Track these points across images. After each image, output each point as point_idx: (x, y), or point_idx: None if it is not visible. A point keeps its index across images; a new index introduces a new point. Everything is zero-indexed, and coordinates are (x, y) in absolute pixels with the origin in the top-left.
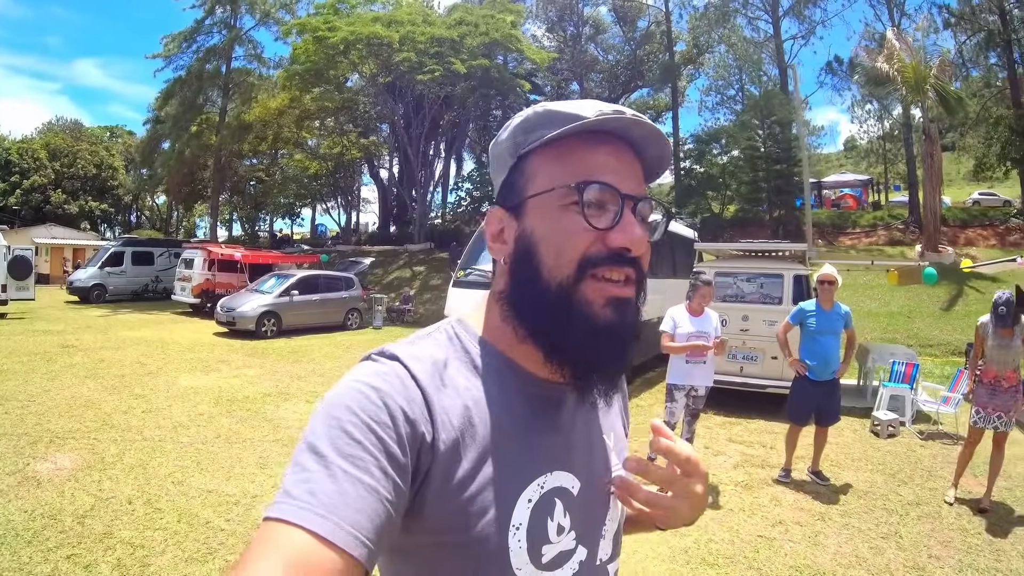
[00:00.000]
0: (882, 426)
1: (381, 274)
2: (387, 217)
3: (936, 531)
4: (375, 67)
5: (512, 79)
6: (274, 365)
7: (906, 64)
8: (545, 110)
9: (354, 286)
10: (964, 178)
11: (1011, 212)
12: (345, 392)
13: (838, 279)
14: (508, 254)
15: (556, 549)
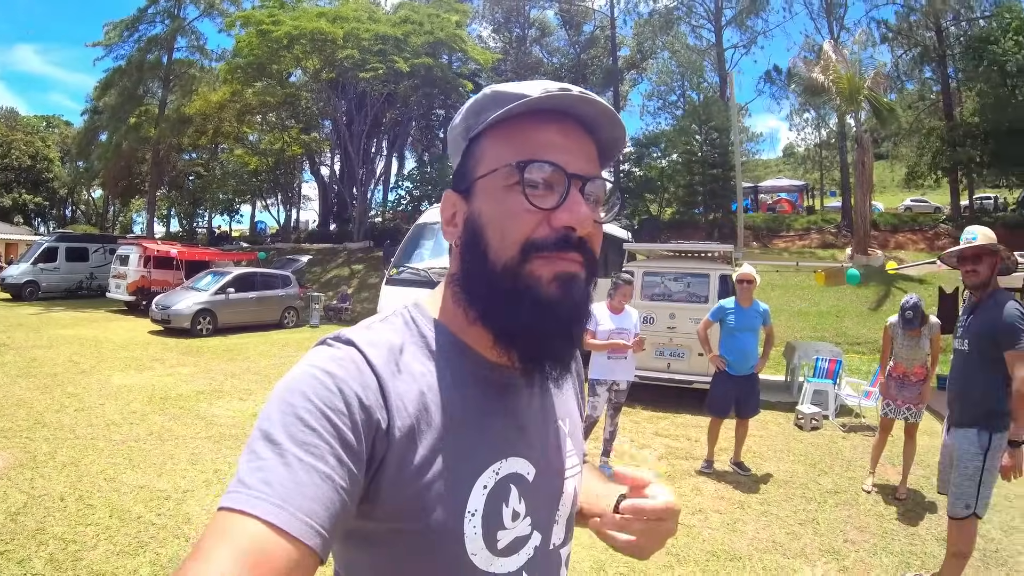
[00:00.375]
0: (805, 419)
1: (320, 272)
2: (327, 215)
3: (853, 517)
4: (319, 63)
5: (455, 79)
6: (209, 363)
7: (841, 76)
8: (493, 91)
9: (291, 284)
10: (898, 185)
11: (940, 218)
12: (300, 377)
13: (756, 278)
14: (458, 237)
15: (512, 535)
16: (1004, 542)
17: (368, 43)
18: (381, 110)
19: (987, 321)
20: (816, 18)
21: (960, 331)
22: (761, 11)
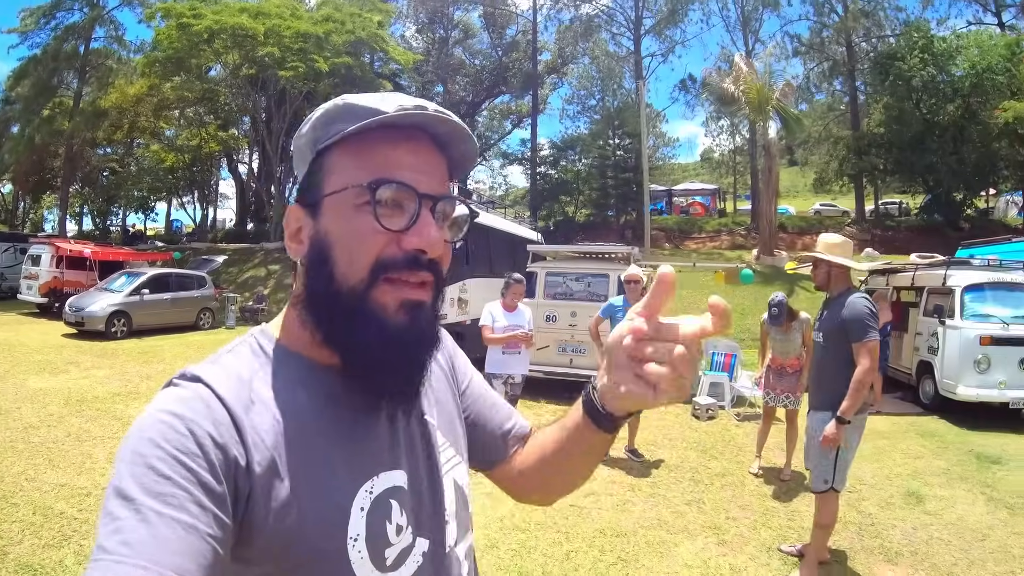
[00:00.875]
0: (701, 410)
1: (236, 272)
2: (244, 214)
3: (737, 497)
4: (239, 58)
5: (375, 79)
6: (124, 366)
7: (751, 87)
8: (345, 103)
9: (207, 285)
10: (809, 190)
11: (845, 222)
12: (146, 425)
13: (643, 278)
14: (304, 255)
15: (397, 549)
16: (880, 516)
17: (289, 40)
18: (301, 107)
19: (837, 316)
20: (732, 30)
21: (817, 325)
22: (679, 22)
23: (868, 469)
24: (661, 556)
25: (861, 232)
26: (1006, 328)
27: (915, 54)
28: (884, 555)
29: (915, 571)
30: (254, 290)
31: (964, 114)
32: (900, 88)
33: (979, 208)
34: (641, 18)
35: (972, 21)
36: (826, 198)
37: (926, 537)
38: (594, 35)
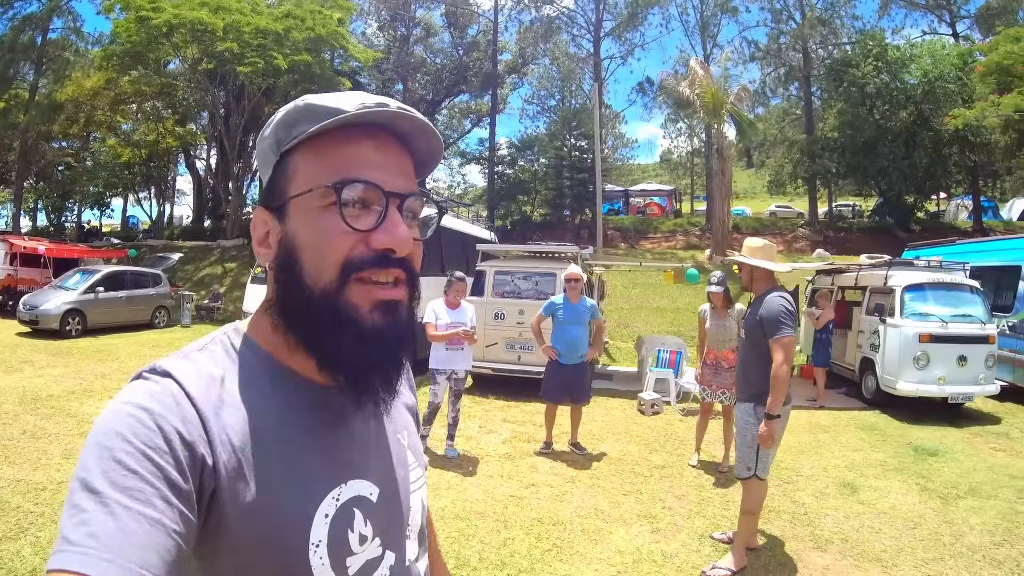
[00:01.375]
0: (646, 405)
1: (192, 270)
2: (201, 210)
3: (674, 488)
4: (197, 53)
5: (334, 76)
6: (79, 364)
7: (706, 91)
8: (306, 104)
9: (162, 283)
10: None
11: (799, 223)
12: (115, 417)
13: (583, 277)
14: (272, 259)
15: (361, 559)
16: (813, 506)
17: (249, 36)
18: (260, 104)
19: (756, 314)
20: (691, 35)
21: (743, 322)
22: (639, 25)
23: (806, 461)
24: (595, 543)
25: (814, 233)
26: (945, 326)
27: (869, 61)
28: (814, 542)
29: (843, 557)
30: (210, 288)
31: (916, 120)
32: (854, 94)
33: (930, 211)
34: (601, 20)
35: (927, 31)
36: (783, 200)
37: (857, 525)
38: (555, 36)
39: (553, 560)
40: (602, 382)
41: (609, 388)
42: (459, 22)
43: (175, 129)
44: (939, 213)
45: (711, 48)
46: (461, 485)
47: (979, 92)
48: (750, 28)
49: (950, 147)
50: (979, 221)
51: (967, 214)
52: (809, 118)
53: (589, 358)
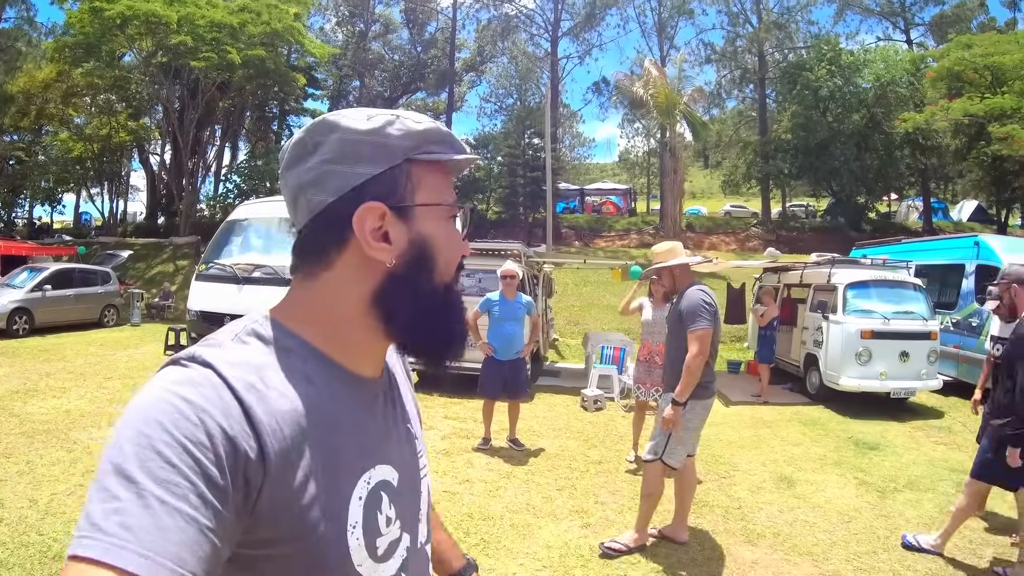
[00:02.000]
0: (588, 401)
1: (144, 268)
2: (155, 207)
3: (609, 483)
4: (152, 45)
5: (288, 72)
6: (24, 364)
7: (660, 91)
8: (447, 132)
9: (111, 281)
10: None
11: (752, 222)
12: (156, 405)
13: (519, 274)
14: (399, 255)
15: (387, 540)
16: (748, 500)
17: (203, 30)
18: (214, 98)
19: (677, 309)
20: (648, 36)
21: (668, 317)
22: (597, 26)
23: (745, 456)
24: (524, 538)
25: (767, 233)
26: (887, 323)
27: (823, 65)
28: (746, 536)
29: (774, 551)
30: (161, 286)
31: (868, 123)
32: (808, 97)
33: (881, 212)
34: (559, 20)
35: (882, 37)
36: (738, 200)
37: (791, 519)
38: (513, 35)
39: (479, 555)
40: (549, 379)
41: (555, 385)
42: (418, 19)
43: (128, 123)
44: (890, 214)
45: (668, 49)
46: None
47: (930, 97)
48: (707, 31)
49: (901, 149)
50: (929, 222)
51: (918, 215)
52: (763, 120)
53: (525, 354)
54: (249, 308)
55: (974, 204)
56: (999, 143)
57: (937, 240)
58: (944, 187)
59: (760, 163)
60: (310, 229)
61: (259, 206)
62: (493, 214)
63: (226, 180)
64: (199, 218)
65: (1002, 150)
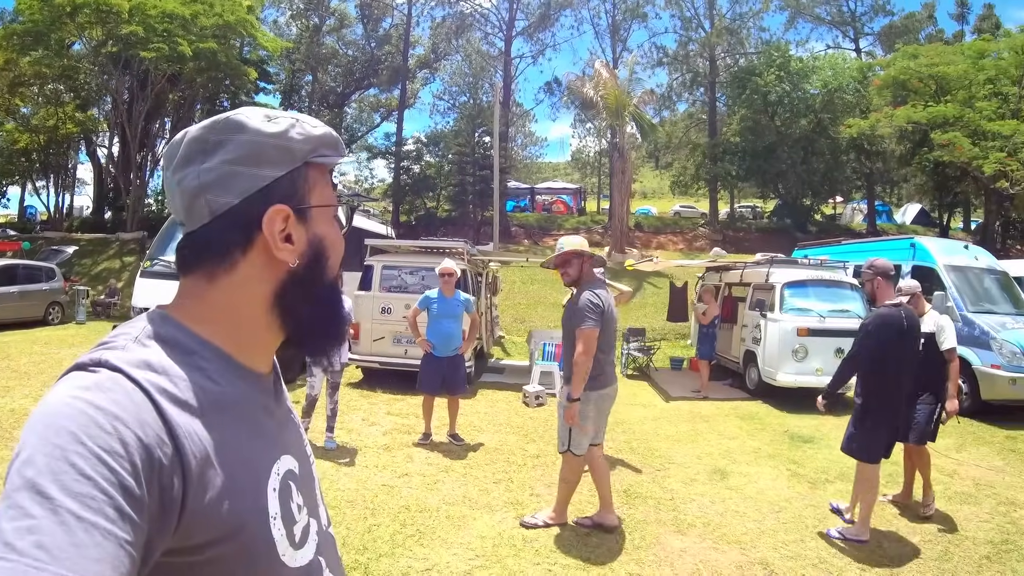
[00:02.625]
0: (529, 397)
1: (90, 264)
2: (102, 201)
3: (545, 476)
4: (102, 35)
5: (240, 65)
6: None
7: (610, 92)
8: (336, 137)
9: (56, 277)
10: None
11: (700, 223)
12: (66, 413)
13: (457, 271)
14: (300, 255)
15: (300, 526)
16: (681, 492)
17: (155, 20)
18: (164, 90)
19: (571, 308)
20: (601, 38)
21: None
22: (551, 26)
23: (681, 450)
24: (459, 528)
25: (714, 233)
26: (822, 320)
27: (773, 71)
28: (676, 526)
29: (702, 540)
30: (107, 283)
31: (815, 128)
32: (757, 101)
33: (827, 214)
34: (514, 20)
35: (831, 45)
36: (688, 200)
37: (722, 510)
38: (467, 33)
39: (414, 545)
40: (493, 376)
41: (499, 381)
42: (373, 14)
43: (76, 115)
44: (836, 216)
45: (621, 51)
46: (335, 475)
47: (875, 104)
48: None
49: (847, 154)
50: (873, 224)
51: (862, 217)
52: (713, 123)
53: (464, 351)
54: None
55: (917, 208)
56: (941, 150)
57: (876, 242)
58: (889, 191)
59: (709, 165)
60: (211, 230)
61: None
62: (443, 212)
63: None
64: (147, 213)
65: (944, 156)
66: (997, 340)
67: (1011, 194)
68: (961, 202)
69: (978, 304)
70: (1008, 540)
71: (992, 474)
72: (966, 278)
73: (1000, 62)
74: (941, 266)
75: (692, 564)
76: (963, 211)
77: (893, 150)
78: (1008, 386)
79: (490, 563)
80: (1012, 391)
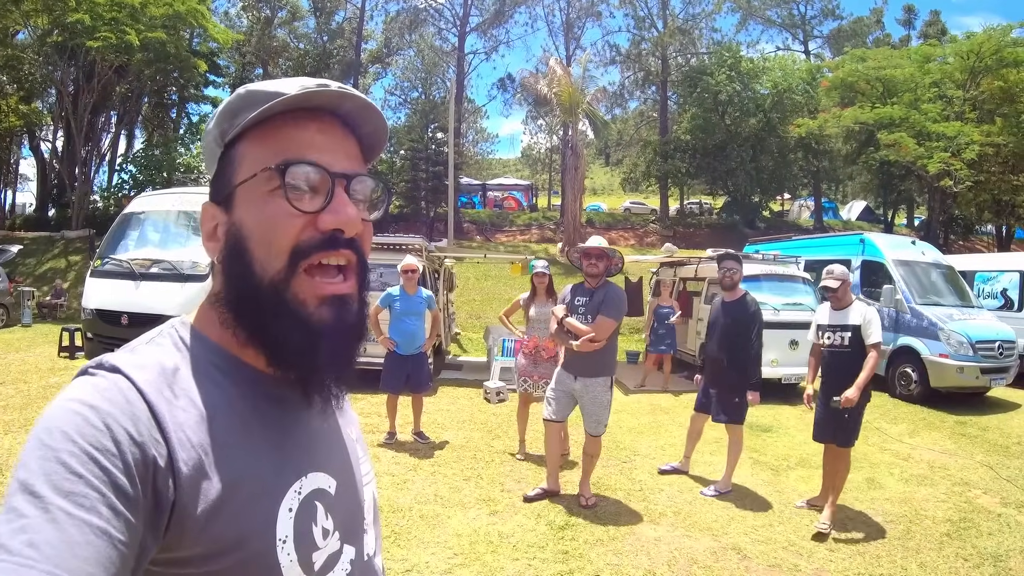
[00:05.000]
0: (491, 393)
1: (34, 264)
2: (46, 198)
3: (514, 471)
4: (48, 23)
5: (189, 57)
6: None
7: (564, 89)
8: (247, 91)
9: (0, 278)
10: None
11: (651, 219)
12: (59, 416)
13: (419, 267)
14: (220, 252)
15: (325, 554)
16: (648, 482)
17: (103, 8)
18: (111, 82)
19: (600, 300)
20: (555, 35)
21: (583, 309)
22: (505, 23)
23: (644, 442)
24: (433, 528)
25: (665, 229)
26: (777, 313)
27: (723, 71)
28: (647, 516)
29: (675, 528)
30: (52, 283)
31: (764, 127)
32: (707, 100)
33: (775, 211)
34: (468, 15)
35: (781, 47)
36: (638, 197)
37: (690, 499)
38: (421, 28)
39: (391, 546)
40: (451, 373)
41: (458, 378)
42: (325, 7)
43: (19, 107)
44: (783, 212)
45: (574, 49)
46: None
47: (824, 104)
48: (613, 33)
49: (795, 152)
50: (820, 220)
51: (809, 214)
52: (664, 121)
53: (426, 348)
54: (147, 305)
55: (863, 204)
56: (887, 149)
57: (825, 237)
58: (835, 188)
59: (660, 162)
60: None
61: (157, 198)
62: (395, 208)
63: (121, 170)
64: (93, 210)
65: (890, 156)
66: (945, 331)
67: (954, 192)
68: (905, 199)
69: (926, 297)
70: (965, 518)
71: (945, 457)
72: (914, 272)
73: (945, 66)
74: (890, 261)
75: (668, 552)
76: (907, 208)
77: (840, 149)
78: (956, 374)
79: (469, 561)
80: (959, 379)
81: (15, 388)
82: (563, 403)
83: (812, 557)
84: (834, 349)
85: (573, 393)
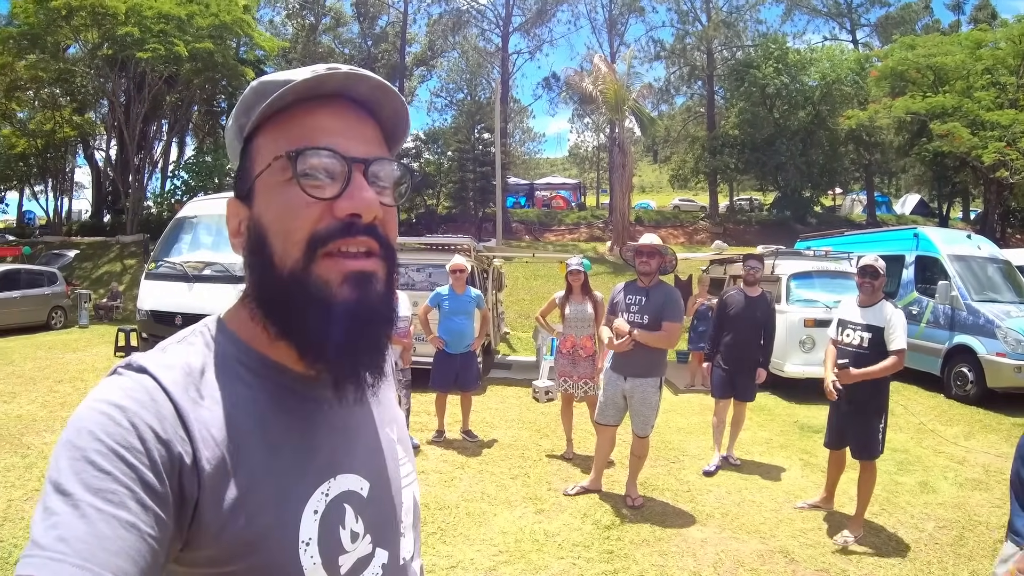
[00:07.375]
0: (539, 393)
1: (91, 268)
2: (101, 205)
3: (561, 471)
4: (98, 37)
5: (237, 65)
6: None
7: (609, 87)
8: (260, 83)
9: (57, 281)
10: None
11: (700, 216)
12: (87, 416)
13: (468, 267)
14: (244, 247)
15: (353, 557)
16: (697, 483)
17: (151, 21)
18: (161, 92)
19: (659, 302)
20: (599, 32)
21: (636, 308)
22: (547, 22)
23: (694, 442)
24: (479, 525)
25: (714, 226)
26: (828, 311)
27: (770, 63)
28: (695, 517)
29: (722, 530)
30: (108, 286)
31: (813, 120)
32: (755, 94)
33: (826, 206)
34: (511, 15)
35: (828, 37)
36: (687, 194)
37: (738, 500)
38: (464, 29)
39: (437, 543)
40: (501, 372)
41: (507, 377)
42: (369, 12)
43: (73, 118)
44: (835, 207)
45: (618, 46)
46: None
47: (873, 95)
48: (657, 28)
49: (845, 145)
50: (873, 215)
51: (862, 208)
52: (711, 116)
53: (475, 347)
54: (200, 306)
55: (916, 198)
56: (940, 140)
57: (878, 232)
58: (887, 182)
59: (708, 158)
60: None
61: (208, 203)
62: (443, 209)
63: (173, 176)
64: (146, 215)
65: (943, 147)
66: (1002, 328)
67: (1011, 183)
68: (960, 192)
69: (982, 293)
70: None
71: (1001, 461)
72: (969, 267)
73: (997, 52)
74: (945, 256)
75: (714, 554)
76: (962, 201)
77: (891, 141)
78: (1013, 374)
79: (514, 558)
80: (1017, 379)
81: (72, 386)
82: (616, 406)
83: (861, 563)
84: (851, 349)
85: (623, 392)
